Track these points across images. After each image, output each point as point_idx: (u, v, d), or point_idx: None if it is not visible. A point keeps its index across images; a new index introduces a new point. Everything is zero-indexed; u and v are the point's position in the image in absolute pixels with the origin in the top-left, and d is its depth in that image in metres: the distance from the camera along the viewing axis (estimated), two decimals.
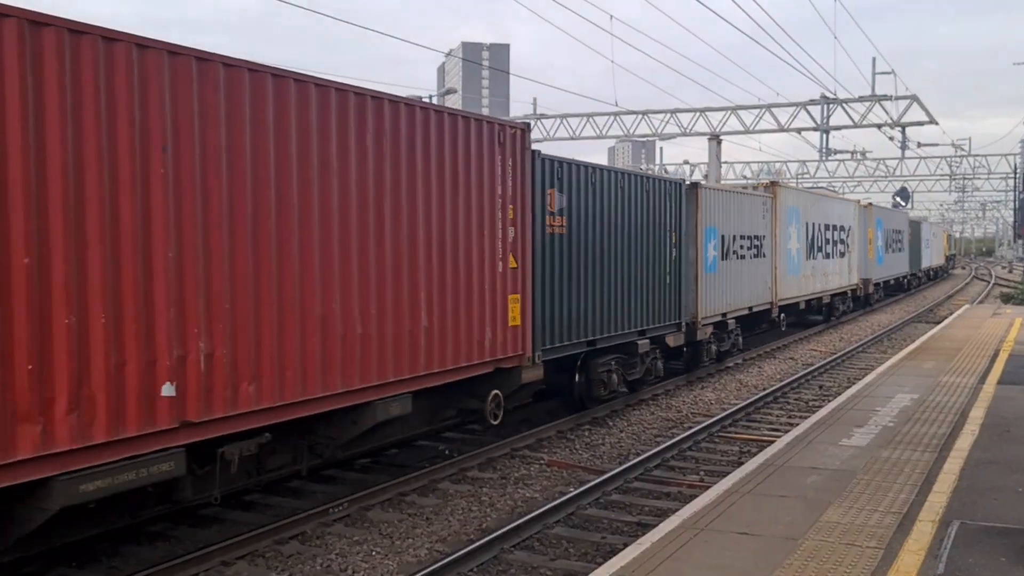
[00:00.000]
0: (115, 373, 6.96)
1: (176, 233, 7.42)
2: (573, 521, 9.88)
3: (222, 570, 8.34)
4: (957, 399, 13.24)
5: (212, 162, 7.73)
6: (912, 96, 34.35)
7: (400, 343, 9.93)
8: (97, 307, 6.84)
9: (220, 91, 7.80)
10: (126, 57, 7.05)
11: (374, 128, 9.51)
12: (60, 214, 6.62)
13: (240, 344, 8.00)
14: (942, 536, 7.16)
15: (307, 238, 8.66)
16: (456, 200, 10.85)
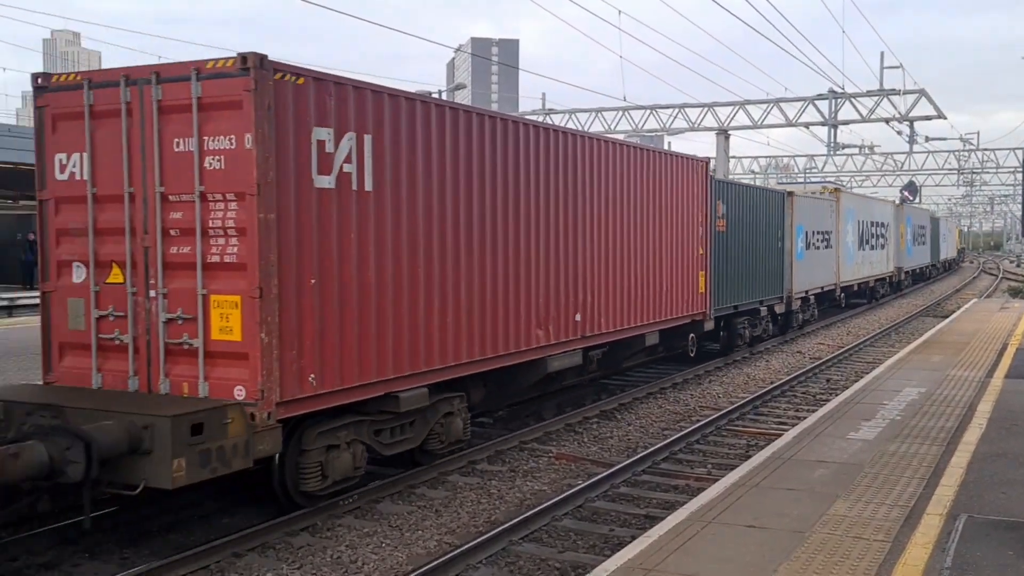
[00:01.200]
0: (557, 313, 13.08)
1: (574, 248, 13.54)
2: (581, 514, 9.93)
3: (233, 561, 8.40)
4: (965, 393, 13.25)
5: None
6: (920, 90, 34.26)
7: (654, 299, 16.15)
8: (555, 280, 13.02)
9: (593, 156, 14.03)
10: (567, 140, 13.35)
11: (641, 163, 15.56)
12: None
13: (599, 301, 14.25)
14: (950, 529, 7.19)
15: (616, 243, 14.77)
16: (676, 210, 16.93)
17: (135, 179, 8.68)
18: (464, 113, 11.06)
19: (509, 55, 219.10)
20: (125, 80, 8.67)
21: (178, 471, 7.53)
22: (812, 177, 65.20)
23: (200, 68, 8.34)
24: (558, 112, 41.83)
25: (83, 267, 9.03)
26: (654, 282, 16.08)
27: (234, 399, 8.21)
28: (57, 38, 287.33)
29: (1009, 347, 18.47)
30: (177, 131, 8.46)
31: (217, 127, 8.28)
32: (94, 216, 8.95)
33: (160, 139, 8.53)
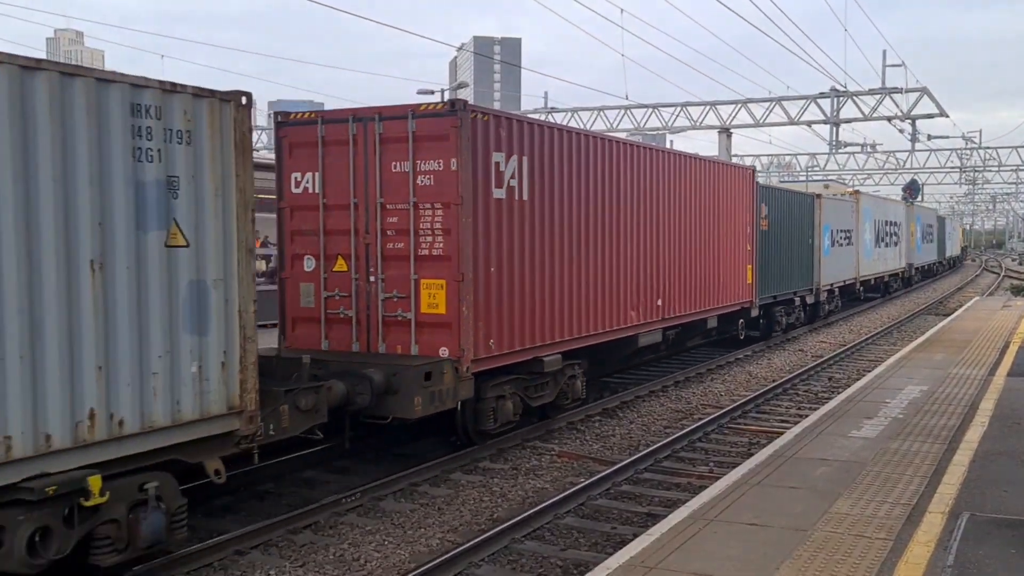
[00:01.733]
0: (645, 298, 15.53)
1: (655, 245, 16.02)
2: (583, 512, 9.95)
3: (236, 559, 8.43)
4: (967, 391, 13.25)
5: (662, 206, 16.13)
6: (922, 89, 34.21)
7: (713, 289, 18.72)
8: (643, 271, 15.44)
9: (668, 167, 16.55)
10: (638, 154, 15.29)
11: (703, 173, 18.17)
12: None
13: (674, 289, 16.65)
14: (952, 528, 7.19)
15: (685, 240, 17.18)
16: (730, 212, 19.59)
17: (358, 192, 11.37)
18: (584, 136, 13.73)
19: (511, 54, 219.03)
20: (352, 118, 11.37)
21: (417, 406, 10.31)
22: (814, 175, 65.16)
23: (414, 110, 11.11)
24: (560, 111, 41.81)
25: (313, 259, 11.68)
26: (713, 274, 18.78)
27: (439, 357, 10.85)
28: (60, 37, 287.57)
29: (1011, 345, 18.47)
30: (394, 156, 11.15)
31: (428, 154, 10.97)
32: (324, 220, 11.56)
33: (381, 163, 11.19)
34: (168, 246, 7.51)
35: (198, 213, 7.77)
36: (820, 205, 27.73)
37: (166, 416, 7.48)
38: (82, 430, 6.84)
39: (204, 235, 7.81)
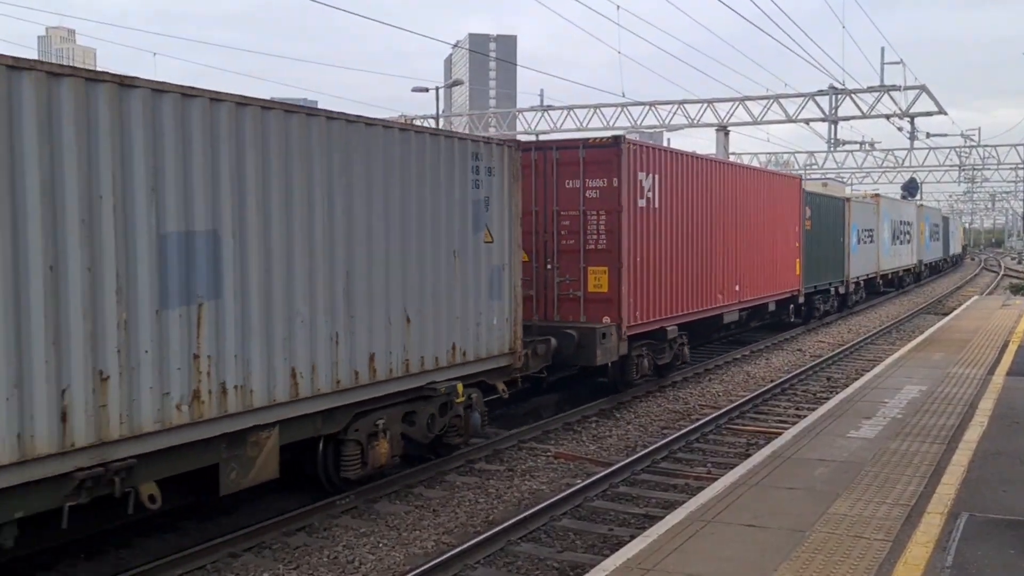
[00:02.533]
0: (728, 284, 19.31)
1: (734, 242, 19.86)
2: (580, 513, 9.88)
3: (229, 562, 8.36)
4: (966, 391, 13.19)
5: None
6: (921, 86, 34.17)
7: (772, 278, 22.57)
8: (726, 262, 19.38)
9: (744, 179, 20.69)
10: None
11: (765, 183, 22.17)
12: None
13: (746, 278, 20.48)
14: (951, 528, 7.13)
15: (754, 237, 20.97)
16: (783, 214, 23.36)
17: (539, 202, 14.98)
18: (692, 158, 18.08)
19: (507, 51, 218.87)
20: (534, 148, 15.47)
21: (597, 357, 14.17)
22: (812, 174, 65.14)
23: (585, 143, 15.10)
24: (556, 108, 41.75)
25: None
26: (772, 266, 22.71)
27: (603, 324, 14.57)
28: (52, 35, 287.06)
29: (1010, 344, 18.41)
30: (568, 176, 15.01)
31: (594, 174, 14.90)
32: None
33: (557, 181, 15.00)
34: (484, 242, 11.71)
35: (497, 220, 11.94)
36: (849, 208, 31.89)
37: (482, 351, 11.72)
38: (452, 356, 11.10)
39: (500, 235, 12.02)
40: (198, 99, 7.80)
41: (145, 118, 7.32)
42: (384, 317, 10.00)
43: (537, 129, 42.61)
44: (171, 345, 7.58)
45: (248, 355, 8.34)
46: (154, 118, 7.41)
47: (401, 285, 10.21)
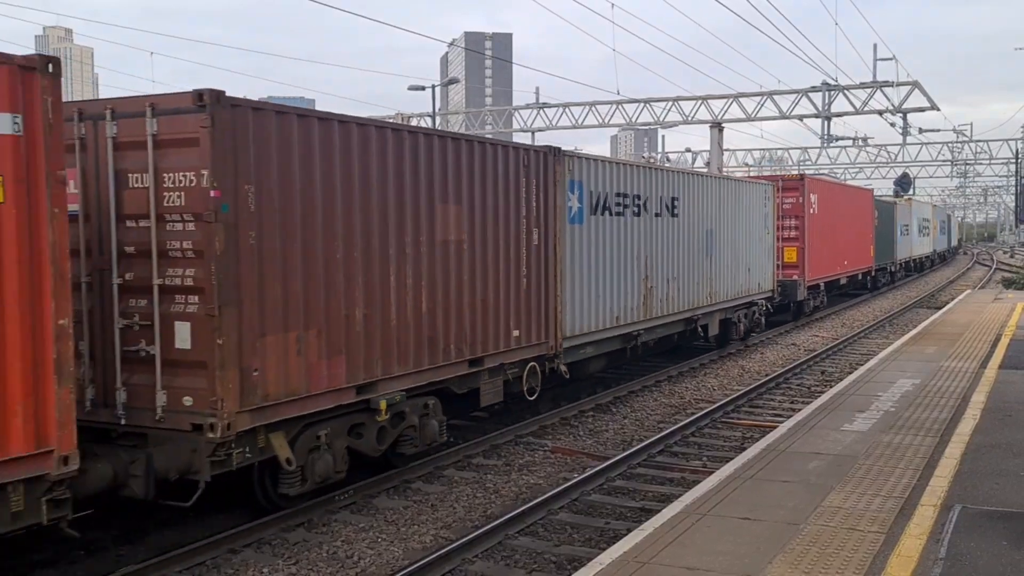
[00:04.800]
0: (841, 258, 31.19)
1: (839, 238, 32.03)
2: (577, 507, 9.95)
3: (229, 558, 8.41)
4: (959, 384, 13.28)
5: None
6: (913, 82, 34.26)
7: (857, 256, 33.87)
8: (842, 244, 31.85)
9: (851, 194, 34.91)
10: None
11: (857, 194, 36.04)
12: None
13: (850, 254, 32.67)
14: (943, 520, 7.21)
15: (851, 236, 33.06)
16: (864, 216, 35.44)
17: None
18: (834, 185, 31.51)
19: (502, 49, 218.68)
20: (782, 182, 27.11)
21: (798, 295, 26.28)
22: (806, 169, 65.24)
23: (782, 179, 26.12)
24: (552, 106, 41.75)
25: None
26: (860, 249, 34.26)
27: (794, 279, 25.82)
28: (50, 35, 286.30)
29: (1003, 338, 18.51)
30: (783, 196, 26.13)
31: (789, 195, 25.96)
32: None
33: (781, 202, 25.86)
34: (766, 237, 23.05)
35: (770, 225, 23.37)
36: (896, 208, 43.79)
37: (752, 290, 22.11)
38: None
39: (764, 235, 22.26)
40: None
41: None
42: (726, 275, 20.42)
43: (533, 127, 42.64)
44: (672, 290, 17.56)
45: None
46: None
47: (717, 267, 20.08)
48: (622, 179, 15.48)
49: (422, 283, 10.54)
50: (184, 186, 8.11)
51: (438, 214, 10.84)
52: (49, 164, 6.72)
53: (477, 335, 11.57)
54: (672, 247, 17.43)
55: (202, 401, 8.04)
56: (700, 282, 18.76)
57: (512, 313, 12.34)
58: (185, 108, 8.03)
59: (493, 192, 11.89)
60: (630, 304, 15.75)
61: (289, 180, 8.75)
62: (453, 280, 11.12)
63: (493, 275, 11.92)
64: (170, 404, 8.14)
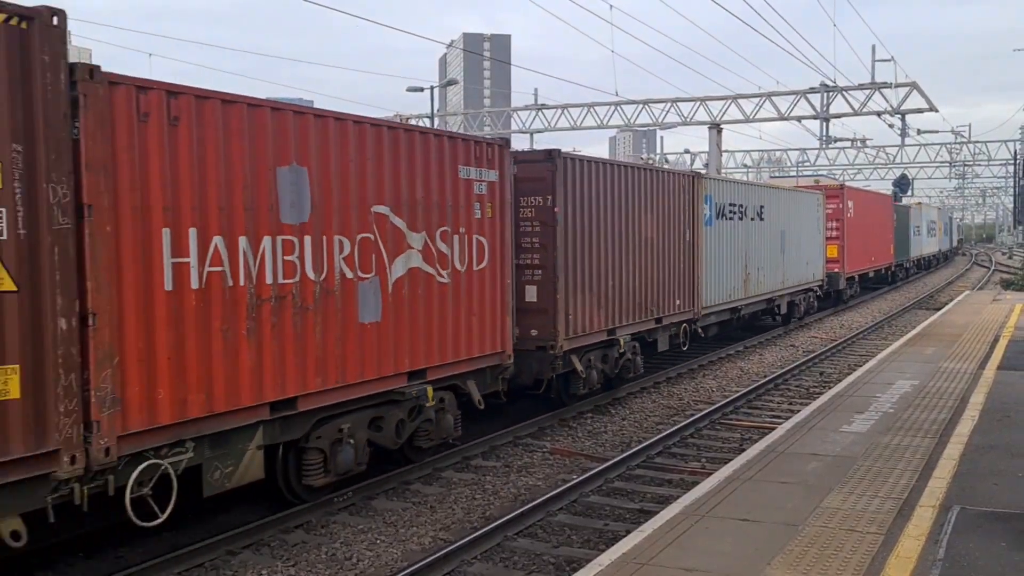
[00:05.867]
0: (869, 255, 36.96)
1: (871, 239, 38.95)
2: (576, 508, 9.95)
3: (228, 559, 8.41)
4: (957, 385, 13.29)
5: None
6: (912, 83, 34.30)
7: (883, 254, 40.17)
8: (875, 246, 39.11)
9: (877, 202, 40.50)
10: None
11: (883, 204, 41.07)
12: None
13: (872, 253, 37.97)
14: (942, 521, 7.21)
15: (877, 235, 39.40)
16: (885, 219, 41.11)
17: (835, 217, 31.85)
18: (867, 194, 36.93)
19: (501, 50, 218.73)
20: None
21: (840, 285, 31.68)
22: (804, 170, 65.31)
23: (826, 189, 31.14)
24: (551, 107, 41.77)
25: None
26: (883, 248, 38.60)
27: (836, 271, 30.99)
28: None
29: (1001, 339, 18.52)
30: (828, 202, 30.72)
31: (831, 202, 30.78)
32: None
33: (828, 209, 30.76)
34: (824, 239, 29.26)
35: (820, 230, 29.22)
36: (910, 211, 48.66)
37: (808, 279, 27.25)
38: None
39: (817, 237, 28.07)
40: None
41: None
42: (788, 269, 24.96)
43: (532, 128, 42.64)
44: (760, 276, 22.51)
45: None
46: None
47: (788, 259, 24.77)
48: (733, 192, 21.06)
49: (634, 266, 15.78)
50: (535, 205, 13.36)
51: (643, 220, 16.08)
52: (503, 195, 12.20)
53: (658, 302, 16.86)
54: (760, 244, 22.74)
55: (544, 333, 13.32)
56: (776, 271, 24.11)
57: (675, 288, 17.54)
58: (536, 159, 13.42)
59: (668, 205, 17.13)
60: (736, 286, 21.12)
61: (583, 201, 14.02)
62: (648, 264, 16.36)
63: (668, 261, 17.19)
64: (522, 334, 13.15)
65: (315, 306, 9.05)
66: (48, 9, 6.61)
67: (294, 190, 8.76)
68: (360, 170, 9.59)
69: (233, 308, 8.16)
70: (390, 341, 10.09)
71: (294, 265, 8.80)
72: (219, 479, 8.11)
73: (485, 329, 11.76)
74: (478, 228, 11.62)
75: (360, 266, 9.65)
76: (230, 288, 8.13)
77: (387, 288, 10.07)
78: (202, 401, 7.87)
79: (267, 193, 8.49)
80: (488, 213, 11.83)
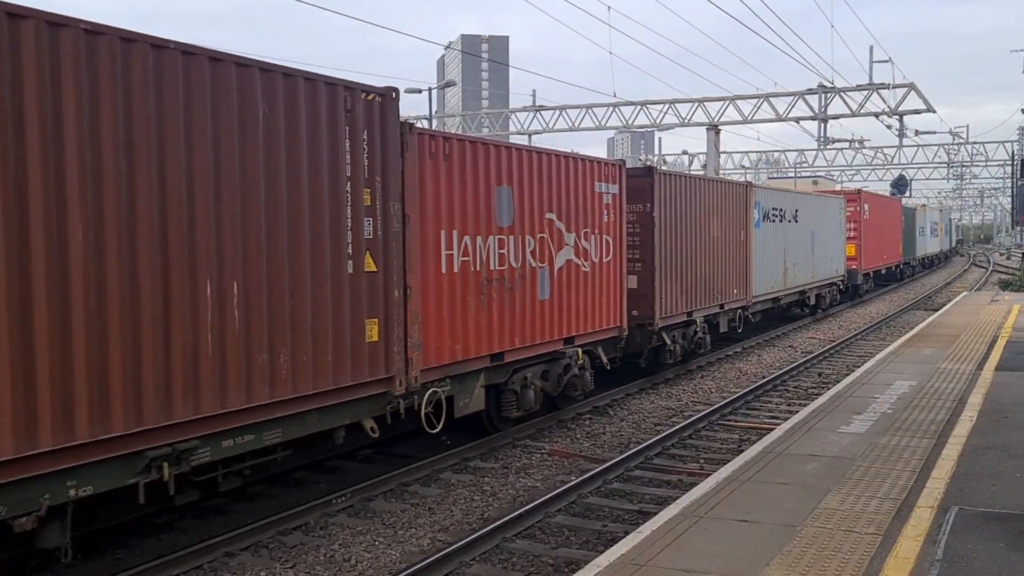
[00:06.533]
0: (884, 253, 40.84)
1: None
2: (574, 510, 9.95)
3: (226, 561, 8.40)
4: (955, 386, 13.30)
5: None
6: (909, 84, 34.35)
7: (894, 253, 44.15)
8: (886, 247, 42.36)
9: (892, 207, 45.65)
10: None
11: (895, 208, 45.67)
12: None
13: (885, 251, 41.79)
14: (940, 522, 7.21)
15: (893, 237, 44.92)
16: (895, 223, 46.01)
17: (856, 219, 35.22)
18: (883, 198, 41.34)
19: (499, 52, 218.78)
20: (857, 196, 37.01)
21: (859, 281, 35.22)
22: (802, 171, 65.35)
23: (858, 192, 35.58)
24: (549, 108, 41.78)
25: None
26: (893, 248, 40.93)
27: (855, 268, 34.20)
28: None
29: (1000, 339, 18.54)
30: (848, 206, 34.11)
31: (851, 206, 34.19)
32: None
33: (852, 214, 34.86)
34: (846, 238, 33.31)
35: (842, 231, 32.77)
36: (916, 213, 52.10)
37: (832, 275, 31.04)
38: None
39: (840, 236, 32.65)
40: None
41: None
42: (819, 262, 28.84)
43: (530, 129, 42.65)
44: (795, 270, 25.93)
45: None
46: None
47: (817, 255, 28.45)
48: (775, 199, 24.63)
49: (704, 260, 18.91)
50: (636, 210, 16.45)
51: (711, 223, 19.31)
52: (621, 203, 15.40)
53: (721, 290, 19.99)
54: (796, 242, 26.17)
55: (643, 313, 16.46)
56: (808, 266, 27.58)
57: (733, 279, 20.67)
58: (638, 174, 16.61)
59: (728, 209, 20.44)
60: (777, 278, 24.50)
61: (671, 207, 17.22)
62: (714, 259, 19.46)
63: (728, 257, 20.28)
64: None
65: (515, 286, 12.41)
66: (392, 88, 10.00)
67: (505, 203, 12.14)
68: (539, 187, 12.92)
69: (475, 286, 11.54)
70: (555, 314, 13.36)
71: (504, 257, 12.18)
72: (461, 407, 11.61)
73: (610, 308, 15.05)
74: (605, 229, 14.89)
75: (539, 258, 12.96)
76: (473, 272, 11.53)
77: (553, 274, 13.32)
78: (458, 351, 11.23)
79: (490, 205, 11.83)
80: (612, 218, 15.09)
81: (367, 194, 9.56)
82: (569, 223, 13.74)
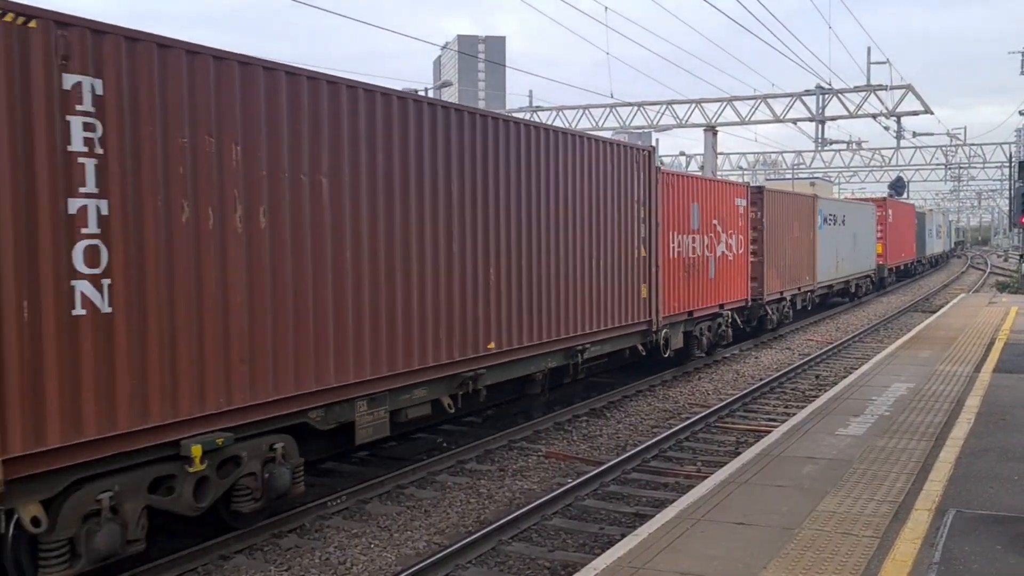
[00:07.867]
0: (896, 252, 45.10)
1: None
2: (571, 512, 9.91)
3: (220, 564, 8.36)
4: (953, 388, 13.28)
5: None
6: (907, 86, 34.34)
7: (903, 249, 48.79)
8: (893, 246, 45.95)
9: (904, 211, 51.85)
10: None
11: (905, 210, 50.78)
12: None
13: (897, 249, 45.81)
14: (938, 525, 7.18)
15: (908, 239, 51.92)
16: (908, 224, 52.35)
17: (884, 222, 41.65)
18: (903, 206, 48.40)
19: (496, 53, 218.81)
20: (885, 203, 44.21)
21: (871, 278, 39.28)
22: (800, 173, 65.40)
23: (874, 200, 42.60)
24: (545, 109, 41.76)
25: None
26: (909, 247, 48.36)
27: (881, 263, 40.80)
28: None
29: (997, 341, 18.52)
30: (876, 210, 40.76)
31: (881, 210, 41.21)
32: None
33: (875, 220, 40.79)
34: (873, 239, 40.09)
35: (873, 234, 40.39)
36: (926, 216, 57.50)
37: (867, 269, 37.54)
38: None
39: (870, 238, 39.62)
40: None
41: None
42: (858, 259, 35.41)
43: None
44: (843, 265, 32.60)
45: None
46: None
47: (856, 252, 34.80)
48: (832, 206, 31.12)
49: (789, 254, 24.97)
50: (749, 217, 21.93)
51: (794, 225, 25.12)
52: (748, 213, 22.13)
53: (799, 276, 26.16)
54: (843, 242, 32.13)
55: (755, 293, 22.45)
56: (851, 261, 33.35)
57: (805, 268, 26.78)
58: (755, 191, 22.85)
59: (803, 214, 26.42)
60: (831, 270, 30.40)
61: (772, 214, 23.27)
62: (795, 253, 25.61)
63: (803, 250, 26.51)
64: None
65: (699, 269, 18.66)
66: (652, 148, 16.73)
67: (695, 214, 18.36)
68: (711, 203, 19.36)
69: (682, 268, 17.84)
70: (717, 288, 19.65)
71: (694, 248, 18.44)
72: (674, 343, 17.74)
73: (741, 285, 21.26)
74: (739, 230, 21.10)
75: (709, 249, 19.20)
76: (681, 259, 17.82)
77: (716, 261, 19.57)
78: (675, 307, 17.48)
79: (688, 215, 18.05)
80: (743, 223, 21.28)
81: (643, 209, 16.03)
82: (724, 226, 20.10)
